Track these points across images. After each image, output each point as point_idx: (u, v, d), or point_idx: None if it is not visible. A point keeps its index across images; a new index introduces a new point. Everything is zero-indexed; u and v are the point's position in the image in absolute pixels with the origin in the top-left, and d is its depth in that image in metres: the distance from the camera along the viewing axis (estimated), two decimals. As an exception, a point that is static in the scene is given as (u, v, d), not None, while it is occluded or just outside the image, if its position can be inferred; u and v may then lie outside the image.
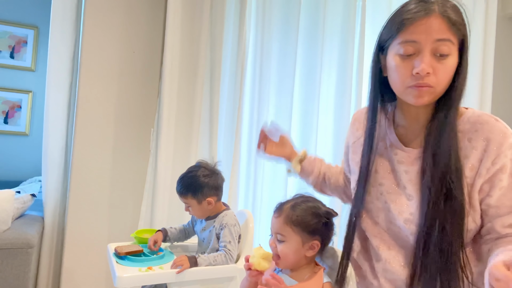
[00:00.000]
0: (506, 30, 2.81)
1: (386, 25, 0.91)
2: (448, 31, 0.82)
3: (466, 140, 0.87)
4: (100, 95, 2.06)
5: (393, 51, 0.88)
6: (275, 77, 2.31)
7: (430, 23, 0.82)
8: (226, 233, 1.51)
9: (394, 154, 0.97)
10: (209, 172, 1.56)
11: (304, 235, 1.01)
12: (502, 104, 2.77)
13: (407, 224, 0.91)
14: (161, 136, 2.03)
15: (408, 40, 0.84)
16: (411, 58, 0.85)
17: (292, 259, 1.01)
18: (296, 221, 1.01)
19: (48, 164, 2.07)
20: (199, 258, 1.43)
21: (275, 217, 1.06)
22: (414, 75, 0.84)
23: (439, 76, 0.83)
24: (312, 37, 2.34)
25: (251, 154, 2.25)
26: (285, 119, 2.29)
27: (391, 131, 1.00)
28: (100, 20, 2.06)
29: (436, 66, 0.83)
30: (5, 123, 3.58)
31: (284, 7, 2.29)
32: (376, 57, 0.95)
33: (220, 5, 2.16)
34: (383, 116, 1.02)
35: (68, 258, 2.01)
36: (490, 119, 0.87)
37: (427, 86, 0.84)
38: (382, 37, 0.93)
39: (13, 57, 3.58)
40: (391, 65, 0.89)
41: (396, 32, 0.86)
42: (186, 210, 1.59)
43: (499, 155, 0.83)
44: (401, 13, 0.87)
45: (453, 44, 0.83)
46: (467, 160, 0.86)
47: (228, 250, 1.48)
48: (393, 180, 0.96)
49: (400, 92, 0.89)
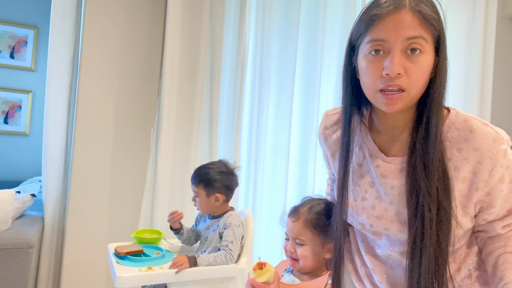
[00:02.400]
0: (506, 30, 2.81)
1: (356, 23, 0.83)
2: (420, 27, 0.75)
3: (455, 150, 0.81)
4: (100, 95, 2.06)
5: (362, 52, 0.81)
6: (275, 77, 2.31)
7: (400, 19, 0.75)
8: (229, 233, 1.51)
9: (376, 166, 0.89)
10: (226, 170, 1.60)
11: (324, 238, 0.99)
12: (502, 104, 2.77)
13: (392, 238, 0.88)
14: (161, 136, 2.03)
15: (376, 39, 0.77)
16: (381, 58, 0.77)
17: (311, 262, 1.00)
18: (316, 224, 0.99)
19: (48, 164, 2.07)
20: (198, 258, 1.43)
21: (292, 221, 1.03)
22: (384, 76, 0.76)
23: (411, 77, 0.76)
24: (312, 37, 2.34)
25: (251, 154, 2.26)
26: (285, 119, 2.29)
27: (368, 138, 0.92)
28: (100, 20, 2.06)
29: (408, 66, 0.76)
30: (5, 123, 3.58)
31: (284, 7, 2.29)
32: (347, 59, 0.87)
33: (220, 5, 2.16)
34: (358, 121, 0.93)
35: (68, 258, 2.01)
36: (478, 125, 0.80)
37: (398, 89, 0.76)
38: (352, 36, 0.85)
39: (13, 57, 3.58)
40: (361, 67, 0.82)
41: (364, 30, 0.79)
42: (192, 200, 1.61)
43: (495, 166, 0.78)
44: (370, 9, 0.79)
45: (426, 41, 0.76)
46: (458, 173, 0.80)
47: (230, 250, 1.49)
48: (375, 194, 0.89)
49: (371, 97, 0.82)
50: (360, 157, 0.93)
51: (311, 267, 1.01)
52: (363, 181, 0.91)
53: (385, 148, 0.89)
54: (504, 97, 2.80)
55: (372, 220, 0.89)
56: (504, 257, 0.81)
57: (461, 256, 0.88)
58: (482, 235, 0.88)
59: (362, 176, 0.91)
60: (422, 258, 0.80)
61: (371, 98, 0.82)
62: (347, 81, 0.89)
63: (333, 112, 1.02)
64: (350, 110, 0.90)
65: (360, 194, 0.91)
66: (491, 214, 0.83)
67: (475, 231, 0.89)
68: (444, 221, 0.79)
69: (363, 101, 0.90)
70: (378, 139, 0.91)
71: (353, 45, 0.85)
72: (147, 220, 2.08)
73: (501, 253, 0.82)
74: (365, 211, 0.90)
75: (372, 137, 0.92)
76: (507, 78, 2.82)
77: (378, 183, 0.88)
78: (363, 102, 0.91)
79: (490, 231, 0.85)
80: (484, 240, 0.87)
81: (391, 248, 0.89)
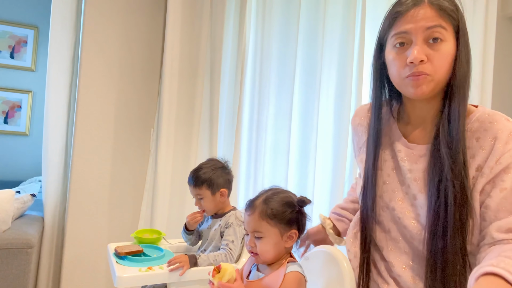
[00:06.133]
0: (506, 30, 2.81)
1: (382, 22, 0.92)
2: (439, 18, 0.82)
3: (474, 139, 0.84)
4: (100, 95, 2.06)
5: (389, 46, 0.89)
6: (275, 77, 2.31)
7: (419, 12, 0.83)
8: (231, 232, 1.51)
9: (398, 151, 0.95)
10: (221, 165, 1.61)
11: (282, 227, 1.00)
12: (502, 104, 2.77)
13: (413, 224, 0.89)
14: (161, 136, 2.03)
15: (399, 32, 0.85)
16: (405, 49, 0.85)
17: (272, 253, 1.01)
18: (272, 214, 1.00)
19: (48, 164, 2.07)
20: (199, 258, 1.43)
21: (248, 215, 1.03)
22: (408, 64, 0.83)
23: (434, 63, 0.83)
24: (312, 37, 2.34)
25: (251, 154, 2.25)
26: (285, 119, 2.29)
27: (395, 127, 0.98)
28: (100, 20, 2.06)
29: (430, 53, 0.83)
30: (5, 123, 3.58)
31: (284, 7, 2.29)
32: (377, 54, 0.95)
33: (220, 5, 2.16)
34: (387, 111, 1.00)
35: (68, 258, 2.01)
36: (501, 119, 0.84)
37: (423, 74, 0.83)
38: (380, 34, 0.94)
39: (13, 57, 3.58)
40: (389, 60, 0.89)
41: (389, 27, 0.88)
42: (196, 205, 1.59)
43: (504, 154, 0.80)
44: (394, 7, 0.88)
45: (445, 30, 0.83)
46: (473, 160, 0.83)
47: (230, 249, 1.48)
48: (396, 178, 0.94)
49: (399, 85, 0.89)
50: (385, 144, 0.99)
51: (273, 258, 1.02)
52: (386, 165, 0.97)
53: (409, 136, 0.95)
54: (504, 97, 2.80)
55: (394, 203, 0.93)
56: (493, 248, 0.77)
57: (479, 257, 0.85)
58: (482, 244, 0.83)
59: (386, 160, 0.97)
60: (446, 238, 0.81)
61: (399, 86, 0.89)
62: (377, 75, 0.96)
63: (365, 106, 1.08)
64: (380, 102, 0.97)
65: (382, 178, 0.96)
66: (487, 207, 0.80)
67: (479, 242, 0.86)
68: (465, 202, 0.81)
69: (393, 96, 0.98)
70: (403, 129, 0.97)
71: (381, 42, 0.93)
72: (147, 220, 2.08)
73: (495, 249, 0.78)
74: (387, 194, 0.95)
75: (398, 127, 0.98)
76: (507, 78, 2.82)
77: (399, 168, 0.94)
78: (393, 96, 0.98)
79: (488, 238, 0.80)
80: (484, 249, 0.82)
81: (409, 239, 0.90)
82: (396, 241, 0.94)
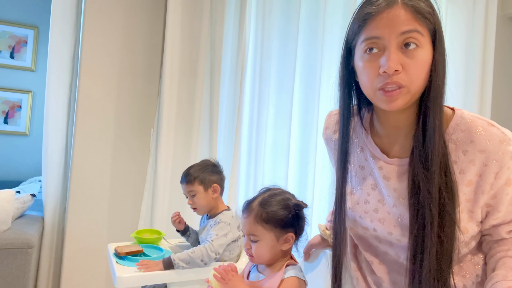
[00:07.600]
0: (506, 30, 2.81)
1: (350, 24, 0.82)
2: (414, 21, 0.73)
3: (460, 152, 0.78)
4: (100, 95, 2.06)
5: (358, 51, 0.79)
6: (275, 77, 2.31)
7: (393, 15, 0.73)
8: (216, 227, 1.50)
9: (379, 168, 0.86)
10: (211, 163, 1.64)
11: (277, 230, 0.99)
12: (502, 104, 2.77)
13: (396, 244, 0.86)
14: (161, 136, 2.03)
15: (370, 37, 0.75)
16: (377, 56, 0.75)
17: (268, 256, 1.00)
18: (267, 218, 0.98)
19: (48, 164, 2.07)
20: (175, 255, 1.39)
21: (244, 218, 1.02)
22: (381, 74, 0.74)
23: (410, 73, 0.73)
24: (312, 36, 2.34)
25: (251, 154, 2.25)
26: (285, 119, 2.29)
27: (369, 140, 0.89)
28: (100, 20, 2.06)
29: (405, 61, 0.73)
30: (5, 123, 3.58)
31: (284, 7, 2.29)
32: (344, 60, 0.85)
33: (220, 5, 2.16)
34: (359, 123, 0.91)
35: (68, 258, 2.01)
36: (484, 125, 0.78)
37: (397, 86, 0.74)
38: (348, 38, 0.83)
39: (13, 57, 3.58)
40: (359, 67, 0.80)
41: (358, 30, 0.78)
42: (189, 203, 1.58)
43: (501, 168, 0.76)
44: (363, 8, 0.78)
45: (421, 35, 0.74)
46: (463, 176, 0.78)
47: (211, 241, 1.44)
48: (378, 197, 0.87)
49: (371, 96, 0.79)
50: (362, 159, 0.90)
51: (269, 261, 1.01)
52: (365, 183, 0.89)
53: (387, 150, 0.87)
54: (504, 97, 2.80)
55: (375, 224, 0.87)
56: (503, 260, 0.80)
57: (468, 265, 0.86)
58: (487, 239, 0.86)
59: (365, 178, 0.89)
60: (423, 261, 0.76)
61: (371, 98, 0.80)
62: (344, 83, 0.86)
63: (335, 112, 0.99)
64: (348, 113, 0.87)
65: (363, 196, 0.89)
66: (496, 218, 0.82)
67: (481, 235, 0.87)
68: (448, 225, 0.76)
69: (364, 103, 0.88)
70: (379, 141, 0.89)
71: (349, 46, 0.83)
72: (147, 220, 2.08)
73: (502, 256, 0.81)
74: (368, 214, 0.88)
75: (373, 139, 0.89)
76: (507, 78, 2.82)
77: (381, 186, 0.86)
78: (363, 104, 0.89)
79: (495, 235, 0.84)
80: (490, 244, 0.86)
81: (397, 255, 0.88)
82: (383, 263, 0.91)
